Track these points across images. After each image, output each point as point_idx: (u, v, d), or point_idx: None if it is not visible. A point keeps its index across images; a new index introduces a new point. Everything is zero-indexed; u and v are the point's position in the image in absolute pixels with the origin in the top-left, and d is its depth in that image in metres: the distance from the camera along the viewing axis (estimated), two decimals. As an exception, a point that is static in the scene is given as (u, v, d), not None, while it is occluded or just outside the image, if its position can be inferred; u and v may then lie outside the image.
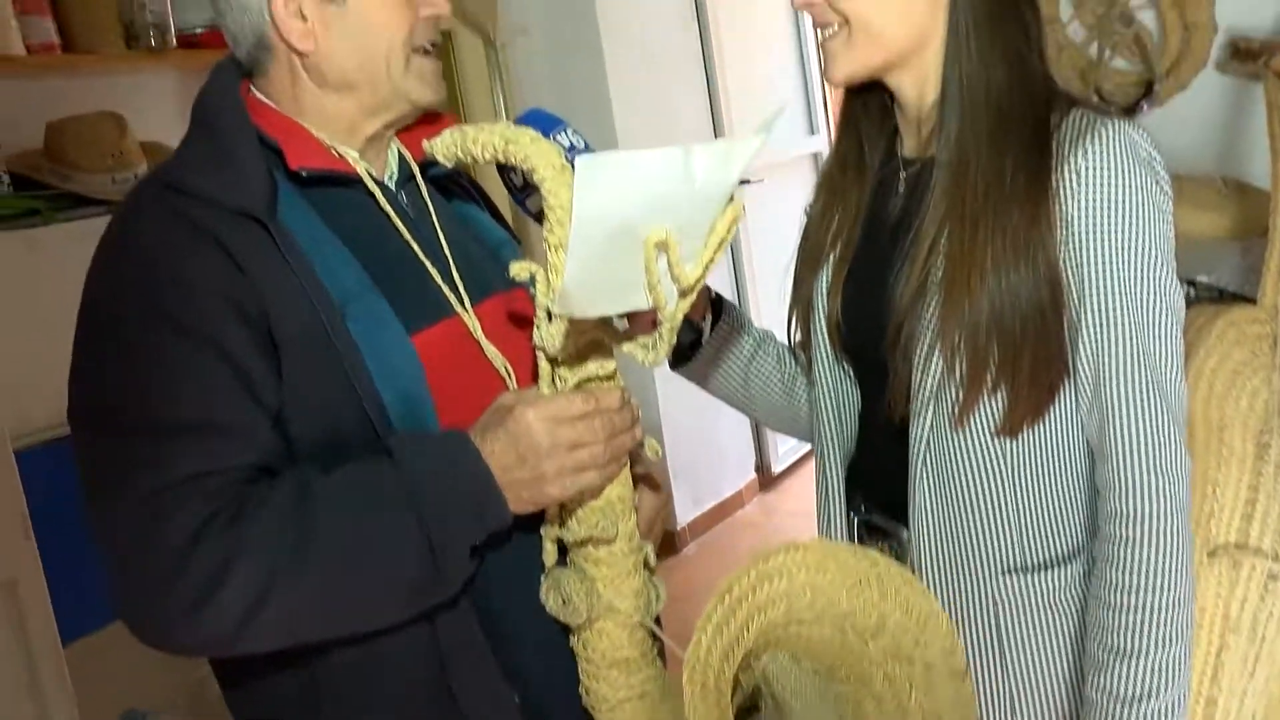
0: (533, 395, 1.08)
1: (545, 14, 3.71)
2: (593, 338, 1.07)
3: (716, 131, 4.22)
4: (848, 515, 1.31)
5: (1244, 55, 2.44)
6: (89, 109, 2.39)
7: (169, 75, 2.61)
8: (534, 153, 0.99)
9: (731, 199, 0.97)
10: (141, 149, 2.43)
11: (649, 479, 1.27)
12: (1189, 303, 2.36)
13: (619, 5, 3.72)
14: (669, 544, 3.98)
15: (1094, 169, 1.09)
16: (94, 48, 2.34)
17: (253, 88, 1.19)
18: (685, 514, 4.12)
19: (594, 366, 1.07)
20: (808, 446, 1.44)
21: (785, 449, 4.66)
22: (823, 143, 4.87)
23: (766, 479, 4.60)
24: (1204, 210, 2.39)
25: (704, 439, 4.13)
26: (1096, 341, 1.11)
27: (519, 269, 1.03)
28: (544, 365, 1.08)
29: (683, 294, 0.99)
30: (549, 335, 1.02)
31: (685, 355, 1.34)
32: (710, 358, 1.36)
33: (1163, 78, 2.61)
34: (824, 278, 1.28)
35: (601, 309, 0.99)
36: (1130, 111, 2.65)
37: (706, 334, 1.34)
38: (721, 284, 4.09)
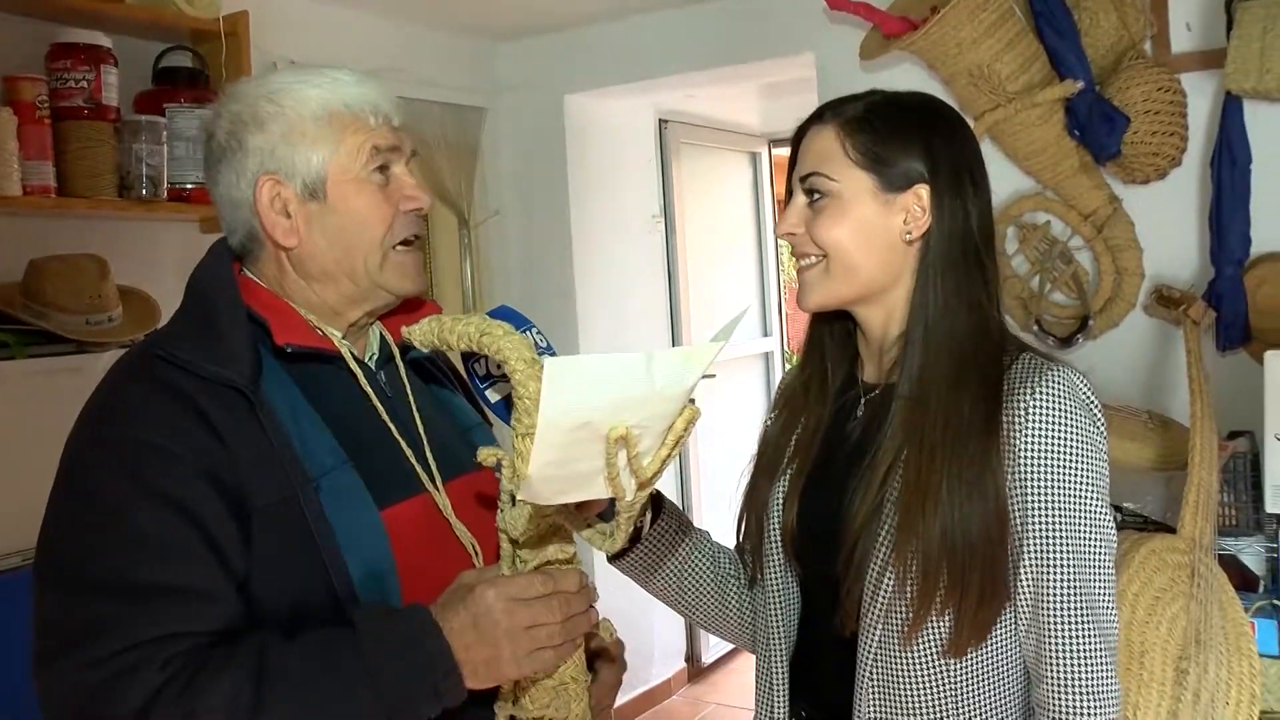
0: (493, 575, 1.12)
1: (519, 198, 3.88)
2: (554, 522, 1.12)
3: (673, 319, 4.38)
4: (789, 716, 1.34)
5: (1166, 302, 2.64)
6: (75, 249, 2.41)
7: (156, 225, 2.67)
8: (506, 346, 1.05)
9: (691, 400, 1.02)
10: (120, 294, 2.44)
11: (607, 652, 1.30)
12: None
13: (590, 195, 3.91)
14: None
15: (1040, 408, 1.18)
16: (87, 193, 2.37)
17: (244, 268, 1.26)
18: (611, 699, 4.04)
19: (554, 550, 1.13)
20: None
21: (717, 641, 4.62)
22: (775, 344, 5.06)
23: (696, 670, 4.55)
24: (1130, 440, 2.50)
25: (636, 624, 4.10)
26: (1036, 569, 1.18)
27: (486, 455, 1.08)
28: (505, 546, 1.12)
29: (640, 486, 1.04)
30: (512, 519, 1.07)
31: (622, 550, 1.36)
32: (646, 554, 1.38)
33: (1096, 314, 2.80)
34: (780, 487, 1.35)
35: (564, 497, 1.04)
36: (1067, 342, 2.82)
37: (645, 529, 1.37)
38: (668, 475, 4.13)
